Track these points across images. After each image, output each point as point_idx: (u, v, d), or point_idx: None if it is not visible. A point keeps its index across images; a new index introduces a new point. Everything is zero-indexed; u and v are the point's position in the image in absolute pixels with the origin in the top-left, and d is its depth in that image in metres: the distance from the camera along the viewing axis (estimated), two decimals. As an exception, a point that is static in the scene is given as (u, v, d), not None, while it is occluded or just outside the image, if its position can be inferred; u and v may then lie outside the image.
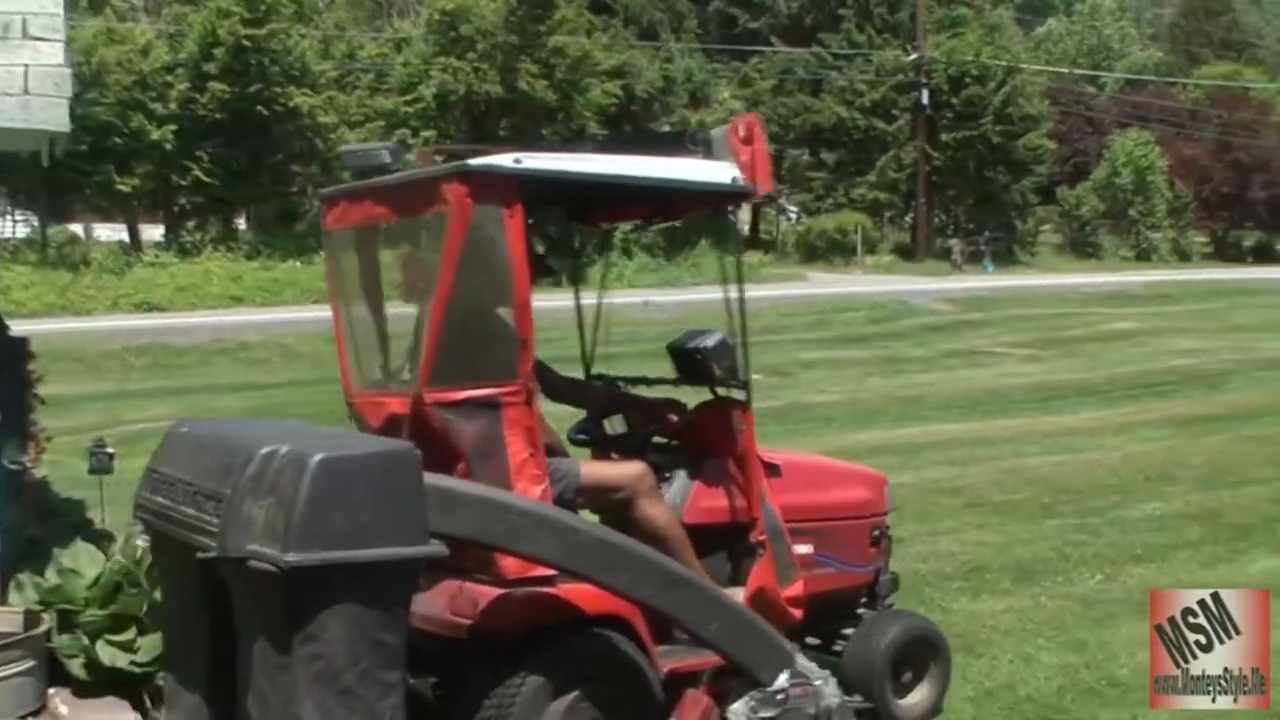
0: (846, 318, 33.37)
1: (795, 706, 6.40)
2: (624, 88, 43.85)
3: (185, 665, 6.08)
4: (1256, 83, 78.54)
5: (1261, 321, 36.65)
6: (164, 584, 6.36)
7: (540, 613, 6.13)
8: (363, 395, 6.76)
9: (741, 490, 6.94)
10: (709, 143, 6.78)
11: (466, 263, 5.98)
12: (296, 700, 5.19)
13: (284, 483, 5.21)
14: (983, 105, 52.89)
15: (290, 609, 5.18)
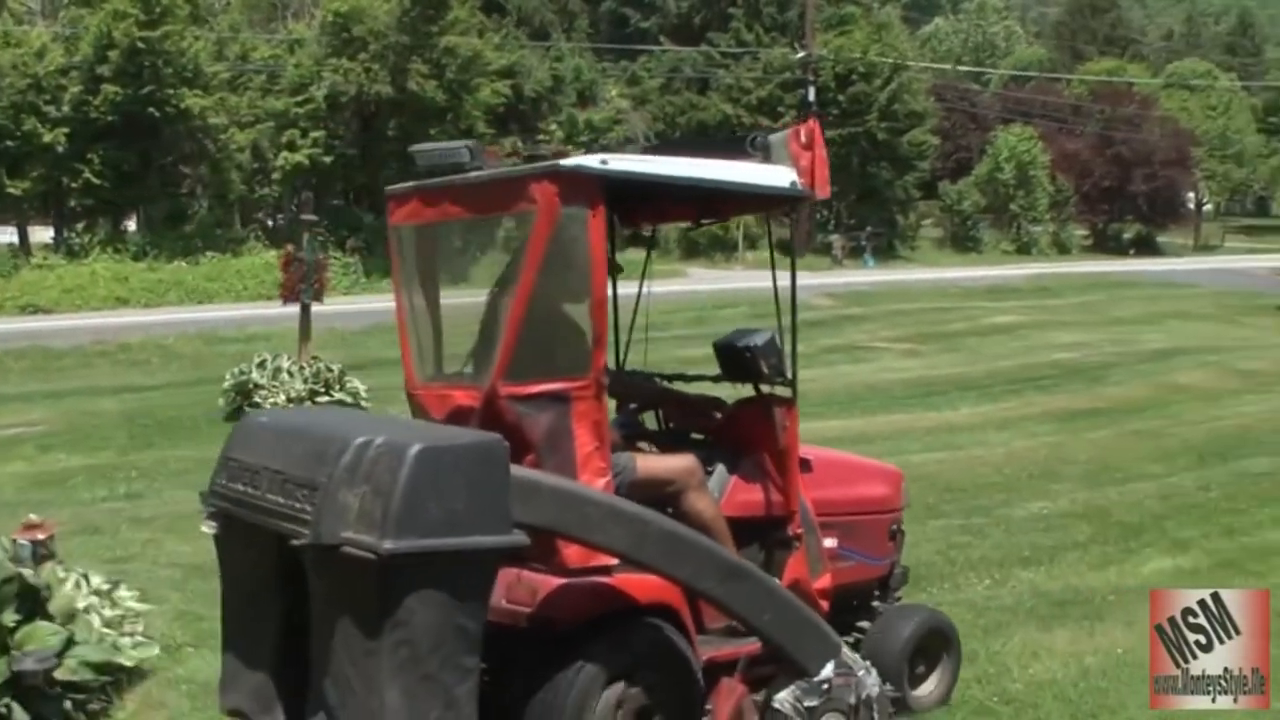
0: (727, 314, 33.09)
1: (838, 696, 6.64)
2: (513, 87, 43.67)
3: (252, 647, 6.27)
4: (1139, 78, 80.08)
5: (1141, 314, 37.13)
6: (232, 568, 6.44)
7: (598, 602, 6.32)
8: (426, 388, 6.84)
9: (779, 485, 7.10)
10: (768, 147, 6.90)
11: (550, 260, 6.13)
12: (380, 685, 5.38)
13: (381, 472, 5.41)
14: (868, 102, 53.24)
15: (382, 595, 5.37)
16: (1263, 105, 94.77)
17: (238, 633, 6.45)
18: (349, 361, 20.98)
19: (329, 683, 5.59)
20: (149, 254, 37.98)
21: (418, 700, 5.42)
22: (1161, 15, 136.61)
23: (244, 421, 6.67)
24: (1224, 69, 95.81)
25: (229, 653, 6.48)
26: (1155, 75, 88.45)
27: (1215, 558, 12.07)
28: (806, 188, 6.90)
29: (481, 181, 6.48)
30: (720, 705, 6.65)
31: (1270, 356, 27.68)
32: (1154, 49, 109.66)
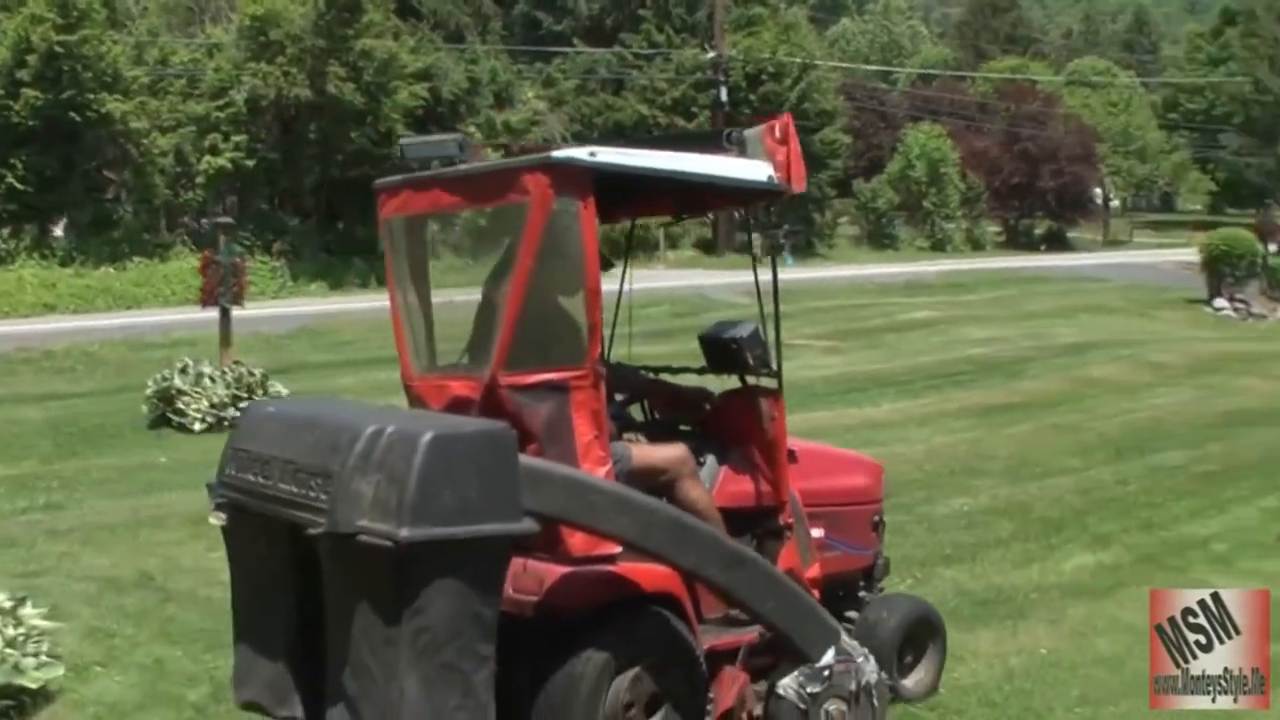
0: (648, 313, 33.07)
1: (839, 682, 6.76)
2: (430, 90, 43.53)
3: (266, 639, 6.29)
4: (1042, 76, 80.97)
5: (1054, 308, 37.47)
6: (243, 560, 6.48)
7: (603, 591, 6.37)
8: (423, 379, 6.89)
9: (769, 476, 7.21)
10: (744, 142, 7.00)
11: (544, 250, 6.22)
12: (400, 673, 5.41)
13: (395, 460, 5.43)
14: (779, 101, 53.40)
15: (399, 583, 5.37)
16: (1162, 102, 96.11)
17: (250, 625, 6.47)
18: (273, 365, 20.88)
19: (348, 673, 5.61)
20: (76, 260, 37.49)
21: (437, 689, 5.45)
22: (1061, 14, 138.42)
23: (251, 412, 6.83)
24: (1123, 66, 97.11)
25: (242, 645, 6.52)
26: (1057, 73, 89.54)
27: (1135, 553, 12.21)
28: (783, 182, 6.97)
29: (475, 173, 6.56)
30: (722, 693, 6.73)
31: (1179, 349, 28.00)
32: (1054, 47, 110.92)
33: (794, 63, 54.50)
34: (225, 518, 6.38)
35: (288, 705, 6.24)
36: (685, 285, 38.70)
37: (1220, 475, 15.89)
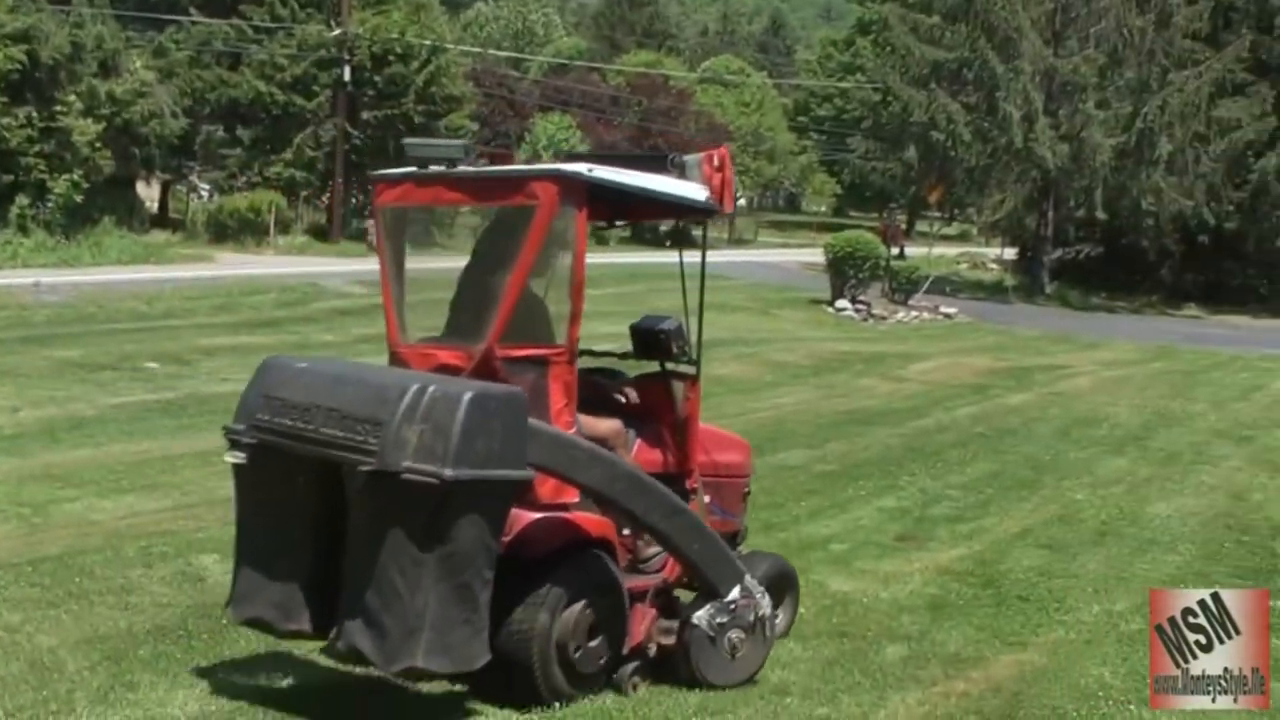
0: (254, 301, 31.55)
1: (741, 614, 8.17)
2: (28, 53, 40.36)
3: (279, 563, 7.29)
4: (676, 72, 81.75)
5: (679, 306, 37.15)
6: (262, 493, 7.36)
7: (562, 535, 7.57)
8: (410, 347, 7.88)
9: (680, 447, 8.52)
10: (684, 166, 8.17)
11: (545, 247, 7.46)
12: (423, 590, 6.56)
13: (439, 413, 6.57)
14: (405, 84, 52.04)
15: (436, 516, 6.55)
16: (793, 104, 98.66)
17: (261, 551, 7.43)
18: None
19: (371, 590, 6.68)
20: None
21: (453, 604, 6.66)
22: (698, 12, 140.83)
23: (276, 365, 7.55)
24: (757, 67, 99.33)
25: (246, 570, 7.51)
26: (691, 70, 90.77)
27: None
28: (716, 203, 8.16)
29: (487, 176, 7.86)
30: (636, 626, 7.97)
31: (802, 349, 28.53)
32: (690, 44, 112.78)
33: (423, 45, 53.04)
34: (243, 456, 7.26)
35: (296, 620, 7.30)
36: (296, 273, 37.07)
37: (840, 475, 16.24)
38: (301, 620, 7.29)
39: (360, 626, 6.75)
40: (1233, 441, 20.34)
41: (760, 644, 8.33)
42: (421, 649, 6.61)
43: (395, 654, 6.66)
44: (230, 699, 7.59)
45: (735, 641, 8.16)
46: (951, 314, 41.70)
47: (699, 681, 8.06)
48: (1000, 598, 10.93)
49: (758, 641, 8.30)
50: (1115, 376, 28.60)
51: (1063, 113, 50.50)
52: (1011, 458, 17.80)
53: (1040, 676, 8.99)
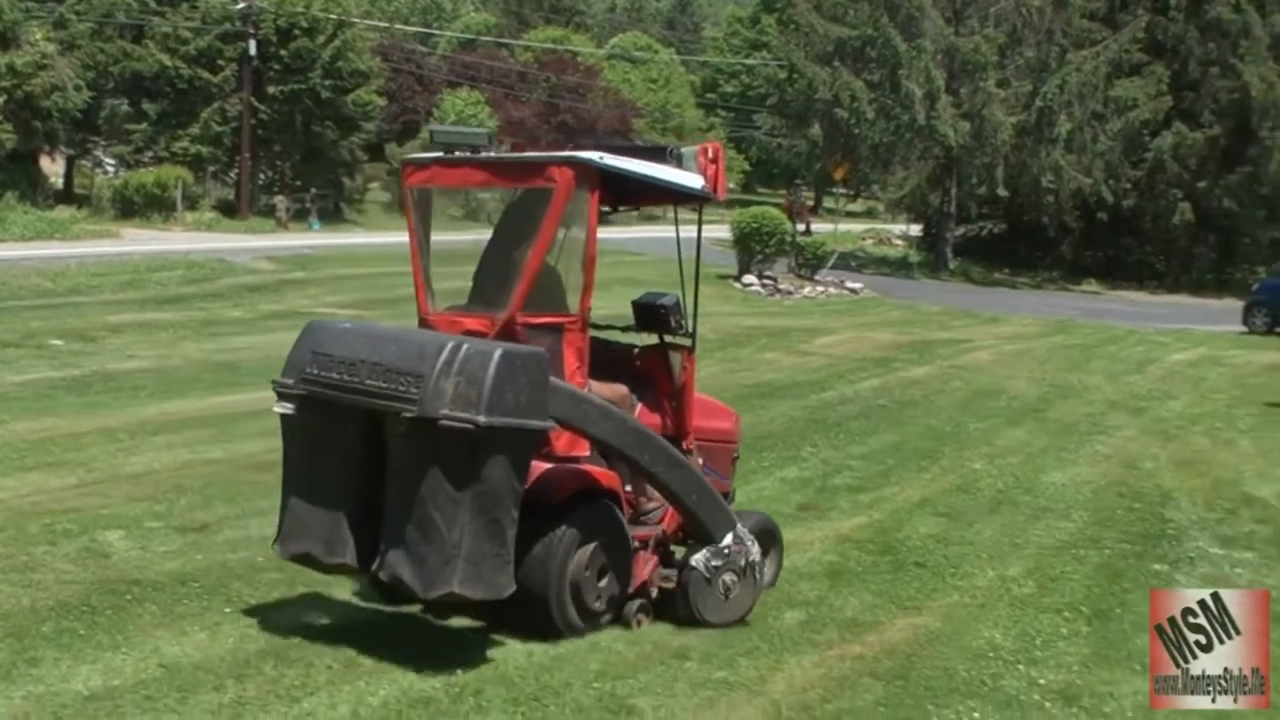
0: (161, 277, 31.26)
1: (733, 559, 9.00)
2: (-77, 24, 39.74)
3: (326, 501, 8.05)
4: (584, 48, 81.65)
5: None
6: (310, 440, 8.17)
7: (576, 484, 8.47)
8: (437, 315, 8.72)
9: (676, 411, 9.36)
10: (681, 157, 9.06)
11: (561, 226, 8.35)
12: (459, 525, 7.38)
13: (474, 367, 7.39)
14: (312, 59, 51.65)
15: (471, 458, 7.35)
16: (700, 81, 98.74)
17: (308, 491, 8.18)
18: None
19: (411, 525, 7.50)
20: None
21: (484, 539, 7.47)
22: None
23: (322, 326, 8.43)
24: (664, 44, 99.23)
25: (293, 509, 8.30)
26: (599, 46, 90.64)
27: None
28: (710, 191, 9.06)
29: (510, 160, 8.93)
30: (639, 569, 8.86)
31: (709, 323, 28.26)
32: (598, 21, 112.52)
33: (329, 19, 52.60)
34: (291, 407, 8.10)
35: (341, 554, 8.02)
36: (204, 249, 36.76)
37: (744, 447, 15.83)
38: (345, 554, 8.02)
39: (401, 557, 7.59)
40: (1127, 412, 20.81)
41: (750, 587, 9.15)
42: (458, 577, 7.43)
43: (433, 581, 7.49)
44: (134, 674, 7.64)
45: (728, 584, 9.01)
46: (856, 289, 42.12)
47: (696, 619, 8.89)
48: (898, 564, 11.19)
49: (748, 584, 9.13)
50: (1015, 350, 29.10)
51: (964, 91, 50.99)
52: (912, 429, 18.13)
53: (934, 639, 9.23)
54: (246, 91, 50.24)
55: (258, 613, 8.87)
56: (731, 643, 8.70)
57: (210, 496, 12.07)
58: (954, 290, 46.58)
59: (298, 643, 8.29)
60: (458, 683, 7.69)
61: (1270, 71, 51.91)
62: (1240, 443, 18.52)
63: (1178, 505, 14.16)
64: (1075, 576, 11.16)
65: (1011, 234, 58.37)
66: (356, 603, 9.22)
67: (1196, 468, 16.42)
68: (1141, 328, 35.88)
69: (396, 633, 8.59)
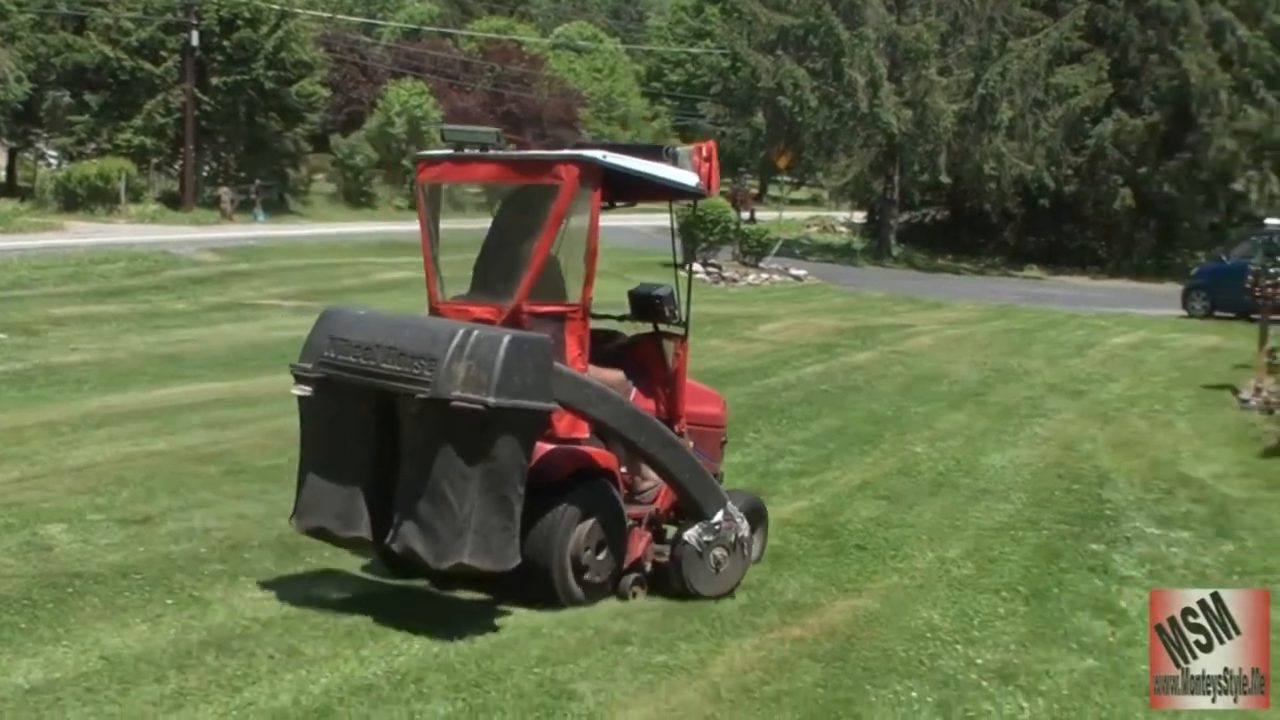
0: (105, 270, 31.09)
1: (724, 535, 9.47)
2: None
3: (341, 478, 8.51)
4: (529, 38, 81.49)
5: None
6: (326, 421, 8.63)
7: (576, 463, 8.97)
8: (447, 304, 9.15)
9: (669, 396, 9.81)
10: (676, 156, 9.52)
11: (566, 219, 8.86)
12: (469, 499, 7.84)
13: (484, 351, 7.86)
14: (255, 50, 51.33)
15: (481, 436, 7.82)
16: (645, 70, 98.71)
17: (325, 469, 8.62)
18: None
19: (423, 500, 7.96)
20: None
21: (493, 513, 7.94)
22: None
23: (338, 313, 8.92)
24: (609, 33, 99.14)
25: (310, 485, 8.72)
26: (544, 36, 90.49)
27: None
28: (704, 188, 9.68)
29: (518, 158, 9.49)
30: (634, 545, 9.35)
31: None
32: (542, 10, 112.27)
33: (271, 9, 52.34)
34: (309, 390, 8.55)
35: (356, 528, 8.49)
36: (148, 242, 36.53)
37: None
38: (360, 528, 8.49)
39: (414, 530, 8.04)
40: (1066, 395, 21.03)
41: (739, 561, 9.63)
42: (468, 549, 7.89)
43: (445, 553, 7.94)
44: (75, 667, 7.63)
45: (719, 558, 9.48)
46: (800, 276, 42.29)
47: (688, 592, 9.37)
48: (839, 547, 11.29)
49: (737, 559, 9.59)
50: (957, 335, 29.33)
51: (906, 79, 51.19)
52: (854, 414, 18.25)
53: (873, 620, 9.34)
54: (190, 83, 49.95)
55: (200, 604, 8.86)
56: (672, 627, 8.78)
57: (153, 489, 12.02)
58: (897, 276, 46.85)
59: (240, 633, 8.32)
60: (399, 670, 7.75)
61: (1209, 59, 52.30)
62: (1178, 424, 18.75)
63: (1115, 486, 14.35)
64: (1013, 557, 11.29)
65: (954, 220, 58.72)
66: (299, 592, 9.22)
67: (1134, 449, 16.63)
68: (1082, 312, 36.21)
69: (338, 622, 8.60)
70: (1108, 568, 11.06)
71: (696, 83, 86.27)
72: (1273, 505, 13.73)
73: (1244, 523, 12.96)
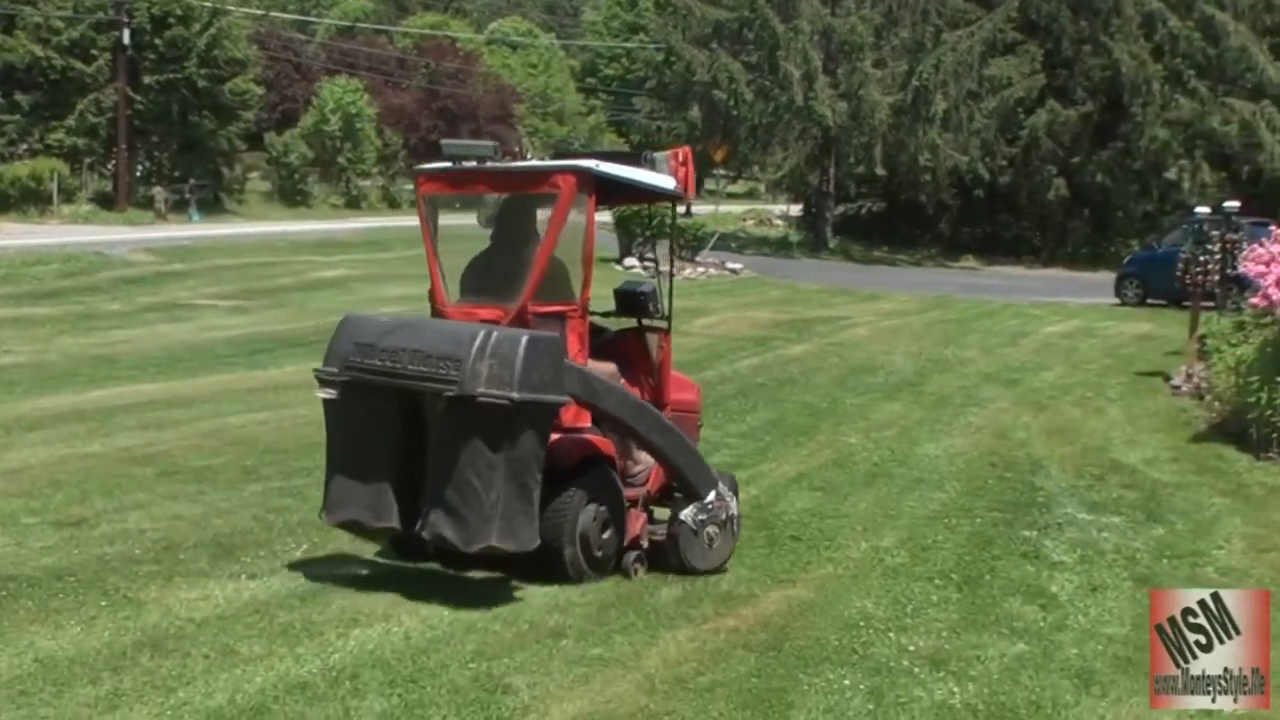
0: (37, 271, 30.82)
1: (715, 513, 10.13)
2: None
3: (370, 473, 9.09)
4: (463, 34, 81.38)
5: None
6: (353, 420, 9.18)
7: (582, 450, 9.60)
8: (453, 306, 9.74)
9: (655, 385, 10.44)
10: (655, 161, 10.21)
11: (565, 226, 9.40)
12: (495, 487, 8.50)
13: (505, 351, 8.51)
14: (187, 48, 50.94)
15: (506, 429, 8.49)
16: (580, 65, 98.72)
17: (354, 465, 9.17)
18: None
19: (452, 489, 8.60)
20: None
21: (515, 499, 8.59)
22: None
23: (357, 319, 9.52)
24: (544, 29, 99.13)
25: (339, 481, 9.26)
26: (479, 31, 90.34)
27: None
28: (681, 191, 10.37)
29: (517, 170, 9.86)
30: (632, 525, 9.92)
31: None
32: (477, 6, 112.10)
33: (204, 7, 51.95)
34: (334, 393, 9.12)
35: (386, 519, 9.07)
36: (82, 242, 36.24)
37: None
38: (390, 518, 9.06)
39: (443, 517, 8.67)
40: (1000, 384, 21.21)
41: (729, 538, 10.31)
42: (496, 532, 8.55)
43: (474, 537, 8.59)
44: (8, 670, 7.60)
45: (711, 535, 10.13)
46: (737, 270, 42.43)
47: (685, 568, 10.02)
48: (774, 538, 11.34)
49: (727, 536, 10.27)
50: (892, 326, 29.53)
51: (841, 72, 51.47)
52: (790, 406, 18.33)
53: (807, 610, 9.40)
54: (121, 81, 49.53)
55: (134, 605, 8.82)
56: (607, 620, 8.83)
57: (87, 491, 11.96)
58: (834, 269, 47.06)
59: (174, 633, 8.29)
60: (334, 667, 7.76)
61: (1140, 49, 52.84)
62: (1110, 411, 18.95)
63: (1048, 473, 14.48)
64: (947, 545, 11.38)
65: (890, 212, 59.06)
66: (234, 592, 9.22)
67: (1067, 436, 16.80)
68: (1017, 301, 36.53)
69: (273, 620, 8.60)
70: (1039, 553, 11.16)
71: (632, 77, 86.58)
72: (1202, 489, 13.90)
73: (1174, 507, 13.10)
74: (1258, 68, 52.32)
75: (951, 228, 57.44)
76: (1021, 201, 55.93)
